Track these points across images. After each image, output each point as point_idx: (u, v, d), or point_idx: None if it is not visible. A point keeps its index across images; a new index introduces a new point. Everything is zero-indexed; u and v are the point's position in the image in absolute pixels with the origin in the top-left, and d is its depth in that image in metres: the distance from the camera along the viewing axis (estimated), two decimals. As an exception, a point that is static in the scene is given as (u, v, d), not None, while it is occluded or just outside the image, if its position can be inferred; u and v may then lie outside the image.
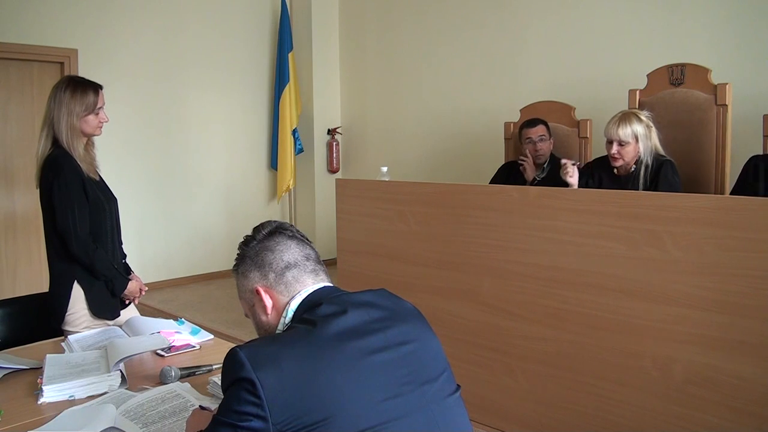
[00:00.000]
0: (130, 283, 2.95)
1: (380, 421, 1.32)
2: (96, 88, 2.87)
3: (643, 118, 3.62)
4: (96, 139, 2.96)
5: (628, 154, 3.60)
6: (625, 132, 3.58)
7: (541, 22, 5.66)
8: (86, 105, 2.81)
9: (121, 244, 3.08)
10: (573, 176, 3.72)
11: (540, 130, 4.36)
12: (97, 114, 2.85)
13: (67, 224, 2.74)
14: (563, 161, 3.79)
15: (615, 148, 3.61)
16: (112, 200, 2.95)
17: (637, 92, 4.22)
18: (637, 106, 4.09)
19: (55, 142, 2.80)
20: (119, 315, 2.95)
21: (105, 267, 2.84)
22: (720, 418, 2.59)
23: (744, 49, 4.45)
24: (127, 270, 3.09)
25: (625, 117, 3.63)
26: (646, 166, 3.60)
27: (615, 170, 3.73)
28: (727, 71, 4.15)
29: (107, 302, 2.89)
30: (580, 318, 3.03)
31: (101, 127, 2.89)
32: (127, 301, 3.02)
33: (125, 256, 3.12)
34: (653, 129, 3.65)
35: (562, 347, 3.11)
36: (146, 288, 3.09)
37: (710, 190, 3.90)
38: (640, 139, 3.58)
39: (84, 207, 2.78)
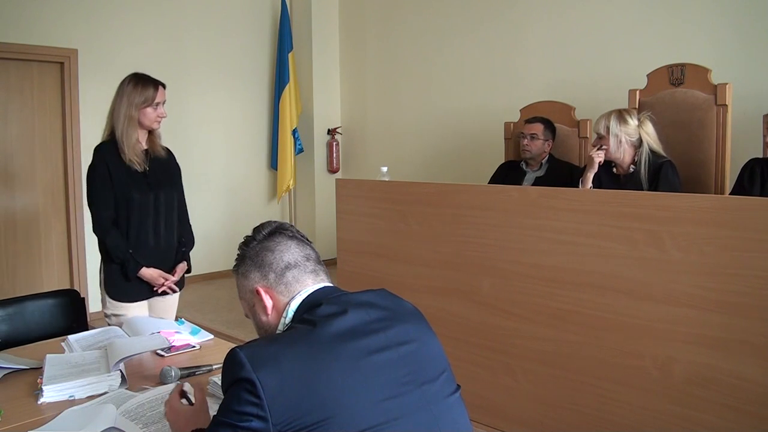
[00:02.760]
0: (145, 269, 3.05)
1: (380, 421, 1.33)
2: (157, 84, 3.07)
3: (630, 119, 3.64)
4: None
5: (612, 147, 3.65)
6: (599, 124, 3.71)
7: (542, 22, 5.66)
8: (146, 97, 3.00)
9: (174, 231, 3.20)
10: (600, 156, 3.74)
11: (534, 128, 4.35)
12: (156, 108, 3.04)
13: (90, 207, 3.02)
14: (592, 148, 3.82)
15: (595, 140, 3.75)
16: (153, 190, 3.06)
17: (637, 92, 4.22)
18: (637, 106, 4.09)
19: (112, 133, 3.02)
20: (141, 300, 3.11)
21: (117, 250, 3.00)
22: (720, 418, 2.60)
23: (744, 49, 4.45)
24: (179, 259, 3.23)
25: (608, 112, 3.72)
26: (645, 167, 3.60)
27: (614, 170, 3.74)
28: (727, 71, 4.14)
29: (121, 285, 3.04)
30: (580, 318, 3.03)
31: (159, 122, 3.10)
32: (159, 290, 3.13)
33: (185, 244, 3.28)
34: (649, 128, 3.65)
35: (562, 347, 3.11)
36: (172, 277, 3.15)
37: (710, 190, 3.90)
38: (611, 133, 3.63)
39: (105, 192, 2.98)
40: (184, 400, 1.71)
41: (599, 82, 5.15)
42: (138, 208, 3.02)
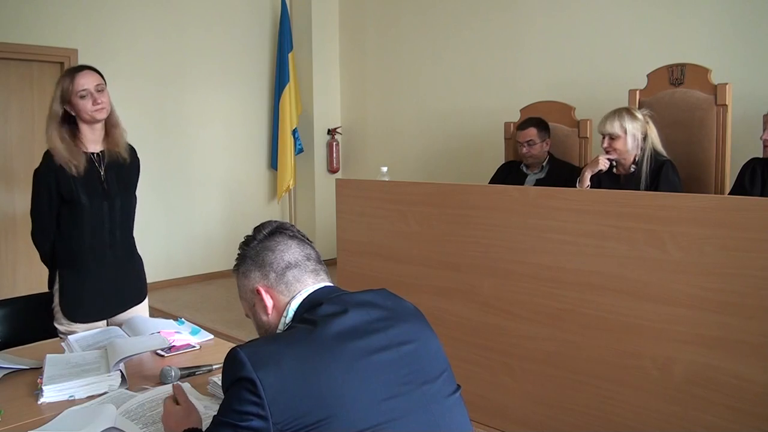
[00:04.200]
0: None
1: (380, 421, 1.33)
2: (74, 71, 2.72)
3: (638, 115, 3.67)
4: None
5: (621, 147, 3.64)
6: (613, 125, 3.65)
7: (542, 22, 5.66)
8: (62, 89, 2.70)
9: (132, 241, 2.96)
10: (607, 164, 3.74)
11: (529, 134, 4.31)
12: (83, 98, 2.67)
13: (31, 213, 2.76)
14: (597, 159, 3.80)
15: (606, 142, 3.69)
16: (107, 197, 2.77)
17: (637, 92, 4.22)
18: (637, 106, 4.09)
19: None
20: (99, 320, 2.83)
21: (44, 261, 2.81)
22: (720, 418, 2.59)
23: (744, 49, 4.45)
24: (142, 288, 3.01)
25: (615, 111, 3.71)
26: (646, 166, 3.60)
27: (614, 170, 3.74)
28: (727, 71, 4.14)
29: (78, 301, 2.80)
30: (581, 318, 3.03)
31: (98, 111, 2.69)
32: None
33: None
34: (652, 127, 3.67)
35: (563, 347, 3.11)
36: None
37: (710, 190, 3.90)
38: (629, 133, 3.61)
39: (50, 209, 2.71)
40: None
41: (599, 82, 5.15)
42: (90, 218, 2.73)
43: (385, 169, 4.17)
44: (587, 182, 3.76)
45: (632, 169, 3.67)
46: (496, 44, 6.03)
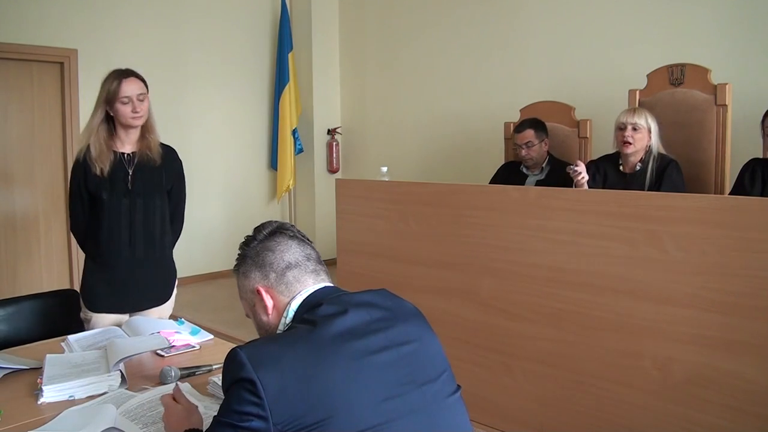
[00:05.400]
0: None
1: (380, 421, 1.33)
2: (121, 75, 2.80)
3: (652, 116, 3.70)
4: None
5: (640, 141, 3.67)
6: (640, 117, 3.68)
7: (542, 23, 5.66)
8: (108, 91, 2.78)
9: (156, 244, 2.99)
10: (582, 177, 3.71)
11: (527, 136, 4.29)
12: (125, 104, 2.78)
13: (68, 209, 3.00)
14: (568, 169, 3.77)
15: (628, 132, 3.67)
16: (128, 196, 2.86)
17: (637, 92, 4.22)
18: (637, 106, 4.09)
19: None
20: (112, 312, 2.93)
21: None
22: (720, 418, 2.60)
23: (744, 49, 4.45)
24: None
25: (640, 107, 3.79)
26: (653, 164, 3.62)
27: (621, 167, 3.75)
28: (727, 71, 4.14)
29: (93, 291, 2.94)
30: (580, 318, 3.03)
31: (136, 118, 2.81)
32: None
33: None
34: (658, 130, 3.70)
35: (562, 347, 3.11)
36: None
37: (710, 190, 3.90)
38: (652, 132, 3.66)
39: (81, 201, 2.89)
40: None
41: (599, 82, 5.15)
42: (108, 213, 2.84)
43: (385, 169, 4.17)
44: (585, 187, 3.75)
45: (638, 167, 3.68)
46: (496, 44, 6.03)
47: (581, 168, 3.66)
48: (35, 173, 5.89)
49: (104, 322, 2.88)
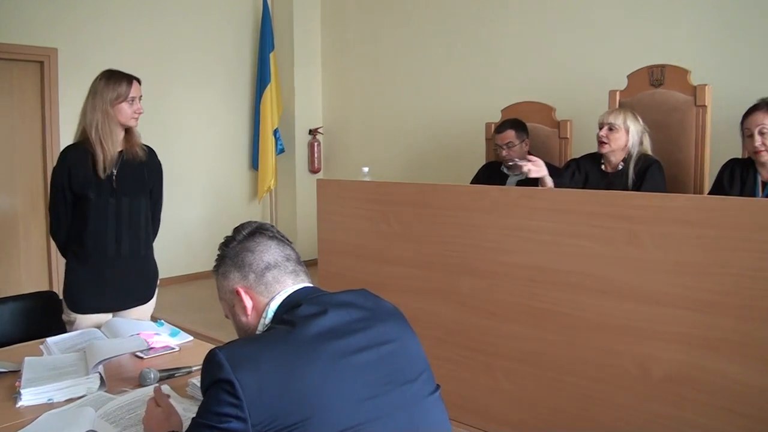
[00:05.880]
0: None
1: (360, 422, 1.33)
2: (130, 78, 2.97)
3: (639, 119, 3.73)
4: None
5: (616, 141, 3.67)
6: (617, 118, 3.69)
7: (523, 23, 5.68)
8: (118, 93, 2.89)
9: (141, 242, 3.05)
10: (537, 171, 3.72)
11: (507, 136, 4.29)
12: (131, 103, 2.93)
13: (48, 211, 3.00)
14: (515, 163, 3.83)
15: (604, 132, 3.70)
16: (114, 195, 2.91)
17: (617, 93, 4.24)
18: (619, 107, 4.11)
19: (83, 133, 2.90)
20: (93, 313, 2.93)
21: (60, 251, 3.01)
22: (699, 416, 2.62)
23: (724, 50, 4.49)
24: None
25: (621, 107, 3.82)
26: (635, 164, 3.64)
27: (603, 166, 3.77)
28: (707, 72, 4.17)
29: (74, 293, 2.94)
30: (560, 317, 3.05)
31: (136, 118, 2.99)
32: None
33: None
34: (647, 135, 3.73)
35: (542, 346, 3.12)
36: None
37: (689, 190, 3.93)
38: (630, 132, 3.66)
39: (64, 203, 2.90)
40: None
41: (579, 82, 5.17)
42: (95, 212, 2.88)
43: (366, 169, 4.17)
44: (549, 184, 3.76)
45: (620, 167, 3.70)
46: (477, 45, 6.04)
47: (531, 166, 3.69)
48: (14, 174, 5.83)
49: (88, 323, 2.88)
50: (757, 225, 2.48)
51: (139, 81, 3.03)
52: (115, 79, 2.92)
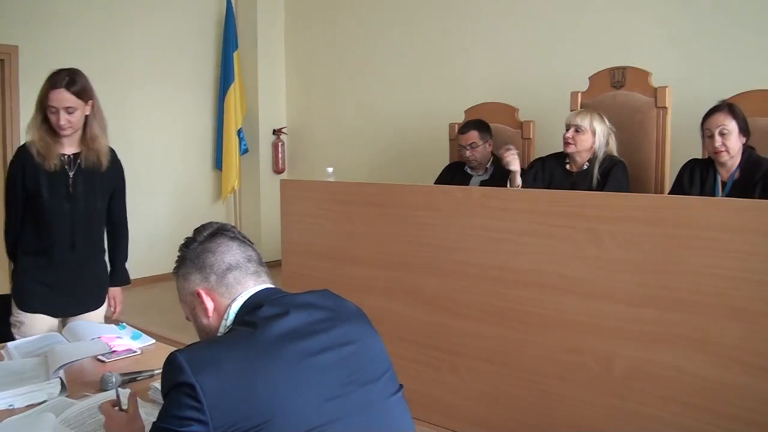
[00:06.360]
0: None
1: (322, 422, 1.33)
2: (52, 84, 2.68)
3: (606, 120, 3.79)
4: None
5: (582, 143, 3.72)
6: (584, 119, 3.74)
7: (485, 25, 5.70)
8: (40, 98, 2.71)
9: (96, 243, 2.99)
10: (513, 164, 3.81)
11: (471, 137, 4.32)
12: (54, 113, 2.68)
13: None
14: (501, 151, 3.87)
15: (570, 133, 3.75)
16: (69, 198, 2.80)
17: (579, 94, 4.29)
18: (578, 108, 4.16)
19: None
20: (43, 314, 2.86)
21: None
22: (662, 411, 2.66)
23: (684, 52, 4.54)
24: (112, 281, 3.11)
25: (588, 109, 3.85)
26: (600, 165, 3.69)
27: (567, 166, 3.81)
28: (668, 74, 4.22)
29: (23, 291, 2.86)
30: (523, 316, 3.07)
31: (64, 129, 2.71)
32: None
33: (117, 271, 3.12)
34: (613, 136, 3.79)
35: (506, 345, 3.14)
36: None
37: (650, 190, 3.98)
38: (597, 134, 3.71)
39: (15, 200, 2.82)
40: (116, 408, 1.69)
41: (542, 84, 5.21)
42: (49, 214, 2.77)
43: (330, 169, 4.17)
44: (518, 181, 3.82)
45: (585, 167, 3.75)
46: (440, 46, 6.06)
47: (512, 158, 3.80)
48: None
49: (36, 324, 2.81)
50: (716, 224, 2.53)
51: (71, 88, 2.70)
52: (46, 83, 2.70)
